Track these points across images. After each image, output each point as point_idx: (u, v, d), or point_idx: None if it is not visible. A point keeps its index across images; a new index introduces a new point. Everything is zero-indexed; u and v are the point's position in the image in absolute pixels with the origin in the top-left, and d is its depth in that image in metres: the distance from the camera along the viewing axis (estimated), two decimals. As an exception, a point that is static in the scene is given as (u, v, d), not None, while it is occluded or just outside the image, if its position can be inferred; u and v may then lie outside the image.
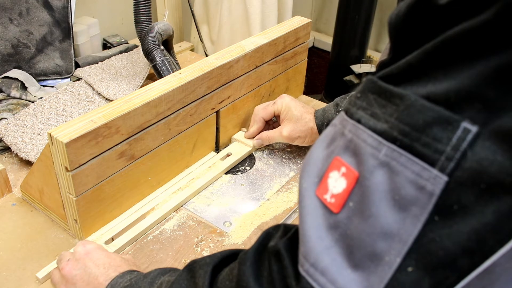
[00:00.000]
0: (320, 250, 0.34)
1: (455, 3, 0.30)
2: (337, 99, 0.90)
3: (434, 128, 0.30)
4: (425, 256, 0.30)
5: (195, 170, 0.88)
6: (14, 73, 1.05)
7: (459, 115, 0.29)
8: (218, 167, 0.89)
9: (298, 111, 0.89)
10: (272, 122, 0.96)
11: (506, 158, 0.28)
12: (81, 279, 0.60)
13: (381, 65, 0.36)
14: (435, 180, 0.29)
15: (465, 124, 0.29)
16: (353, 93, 0.97)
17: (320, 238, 0.34)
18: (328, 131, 0.38)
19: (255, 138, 0.94)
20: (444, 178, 0.29)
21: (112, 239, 0.74)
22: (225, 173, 0.90)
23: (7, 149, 0.91)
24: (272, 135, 0.91)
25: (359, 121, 0.34)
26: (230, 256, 0.47)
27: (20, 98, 1.02)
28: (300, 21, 1.06)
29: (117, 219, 0.76)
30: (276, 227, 0.43)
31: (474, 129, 0.29)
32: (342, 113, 0.36)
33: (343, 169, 0.34)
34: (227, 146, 0.96)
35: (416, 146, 0.30)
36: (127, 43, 1.31)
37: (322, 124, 0.88)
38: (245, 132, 0.97)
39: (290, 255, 0.37)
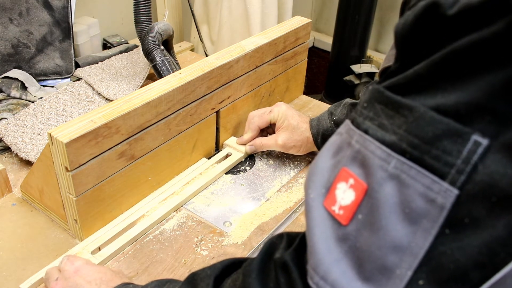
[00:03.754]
0: (329, 262, 0.34)
1: (464, 14, 0.30)
2: (331, 108, 0.89)
3: (444, 141, 0.29)
4: (436, 269, 0.30)
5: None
6: (14, 73, 1.05)
7: (469, 128, 0.29)
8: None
9: (295, 120, 0.88)
10: (266, 128, 0.95)
11: None
12: None
13: (385, 72, 0.36)
14: (446, 193, 0.29)
15: (476, 137, 0.29)
16: (347, 100, 0.97)
17: (329, 250, 0.34)
18: (334, 140, 0.37)
19: (248, 144, 0.92)
20: (454, 192, 0.29)
21: (99, 248, 0.73)
22: (225, 173, 0.90)
23: (7, 149, 0.91)
24: (266, 143, 0.90)
25: (366, 131, 0.33)
26: (230, 266, 0.46)
27: (20, 98, 1.02)
28: (300, 21, 1.06)
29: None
30: (280, 237, 0.43)
31: (484, 142, 0.28)
32: (348, 122, 0.36)
33: (351, 181, 0.34)
34: (221, 150, 0.96)
35: (426, 159, 0.30)
36: (127, 43, 1.31)
37: (317, 133, 0.87)
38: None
39: (298, 267, 0.37)
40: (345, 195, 0.34)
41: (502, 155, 0.28)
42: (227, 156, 0.93)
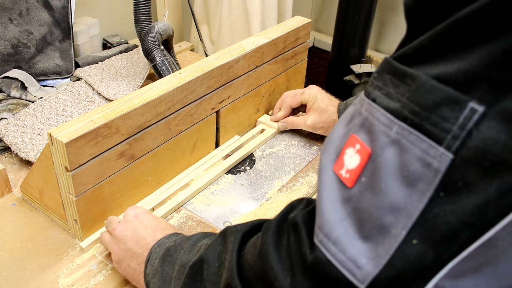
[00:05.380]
0: (334, 222, 0.36)
1: None
2: (359, 93, 0.93)
3: (443, 108, 0.31)
4: (430, 230, 0.31)
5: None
6: (14, 73, 1.05)
7: (467, 96, 0.30)
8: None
9: (324, 103, 0.94)
10: (298, 108, 1.01)
11: (510, 137, 0.29)
12: (131, 239, 0.64)
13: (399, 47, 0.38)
14: (441, 158, 0.30)
15: (472, 104, 0.29)
16: None
17: (334, 210, 0.36)
18: (349, 110, 0.40)
19: (280, 121, 1.00)
20: (449, 156, 0.30)
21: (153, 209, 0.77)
22: (225, 173, 0.90)
23: (7, 149, 0.91)
24: (297, 122, 0.98)
25: (374, 100, 0.35)
26: (259, 225, 0.50)
27: (20, 98, 1.02)
28: (300, 21, 1.06)
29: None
30: (300, 200, 0.46)
31: (480, 109, 0.29)
32: (362, 93, 0.38)
33: (358, 146, 0.35)
34: (253, 128, 0.99)
35: (425, 125, 0.31)
36: (127, 43, 1.31)
37: None
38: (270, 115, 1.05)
39: (307, 226, 0.40)
40: (352, 159, 0.36)
41: (497, 122, 0.29)
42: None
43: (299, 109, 1.02)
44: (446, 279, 0.32)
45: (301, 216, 0.41)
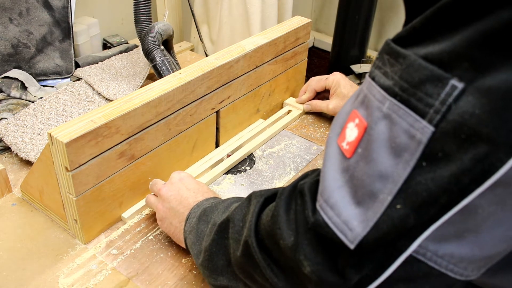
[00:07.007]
0: (333, 189, 0.40)
1: None
2: None
3: (427, 85, 0.33)
4: (412, 196, 0.35)
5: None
6: (14, 73, 1.05)
7: (449, 74, 0.33)
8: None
9: (346, 89, 1.00)
10: (322, 92, 1.08)
11: (483, 111, 0.31)
12: (175, 199, 0.70)
13: None
14: (424, 130, 0.33)
15: (453, 82, 0.32)
16: None
17: (334, 179, 0.40)
18: (357, 90, 0.43)
19: (305, 103, 1.08)
20: (431, 129, 0.33)
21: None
22: (225, 173, 0.90)
23: (7, 149, 0.91)
24: (320, 105, 1.05)
25: (373, 78, 0.38)
26: None
27: (20, 98, 1.02)
28: (300, 21, 1.06)
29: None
30: (314, 171, 0.50)
31: (460, 85, 0.32)
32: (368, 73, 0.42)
33: (357, 120, 0.39)
34: (279, 110, 0.97)
35: (411, 100, 0.34)
36: (127, 43, 1.31)
37: None
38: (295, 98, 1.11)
39: (312, 193, 0.44)
40: (352, 132, 0.39)
41: (473, 97, 0.32)
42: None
43: (323, 94, 1.07)
44: (430, 241, 0.36)
45: (308, 184, 0.45)
